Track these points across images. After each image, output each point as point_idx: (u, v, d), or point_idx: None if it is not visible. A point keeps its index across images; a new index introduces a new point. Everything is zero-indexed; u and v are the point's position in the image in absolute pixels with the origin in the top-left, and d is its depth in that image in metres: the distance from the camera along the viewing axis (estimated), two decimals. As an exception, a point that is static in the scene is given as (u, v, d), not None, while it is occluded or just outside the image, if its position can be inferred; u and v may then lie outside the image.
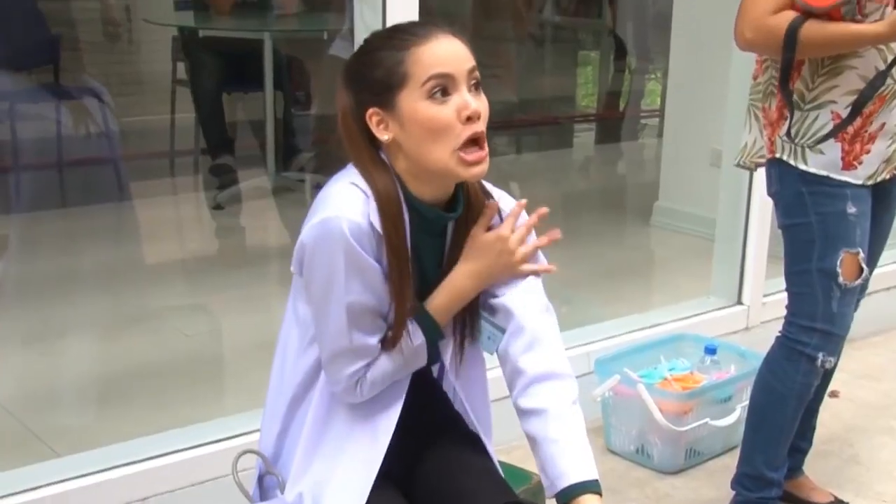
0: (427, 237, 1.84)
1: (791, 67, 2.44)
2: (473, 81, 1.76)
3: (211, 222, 5.24)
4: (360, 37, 2.81)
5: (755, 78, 2.63)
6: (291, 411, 1.88)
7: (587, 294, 4.36)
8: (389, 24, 2.69)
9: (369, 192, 1.75)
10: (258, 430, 1.94)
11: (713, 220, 4.05)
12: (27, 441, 2.96)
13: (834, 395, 3.64)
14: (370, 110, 1.76)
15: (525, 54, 8.60)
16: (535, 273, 1.92)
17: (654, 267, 5.01)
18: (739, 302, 3.91)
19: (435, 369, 2.02)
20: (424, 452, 1.93)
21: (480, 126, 1.75)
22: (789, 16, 2.38)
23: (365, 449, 1.83)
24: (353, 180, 1.76)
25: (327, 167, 5.36)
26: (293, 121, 5.57)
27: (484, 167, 1.76)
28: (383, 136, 1.76)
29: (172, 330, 3.82)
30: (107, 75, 6.14)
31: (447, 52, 1.74)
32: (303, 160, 5.48)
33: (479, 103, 1.76)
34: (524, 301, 1.88)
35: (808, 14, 2.36)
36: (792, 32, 2.36)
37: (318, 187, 6.12)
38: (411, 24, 1.80)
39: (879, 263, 4.08)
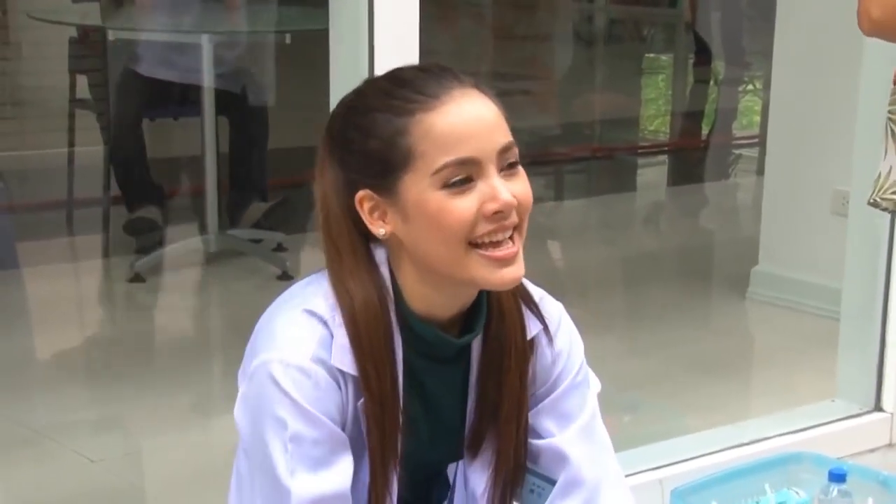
0: (433, 365, 1.87)
1: None
2: (508, 159, 1.79)
3: (126, 300, 5.27)
4: (339, 47, 2.86)
5: (895, 82, 2.64)
6: None
7: (660, 398, 4.36)
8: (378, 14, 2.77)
9: (336, 318, 1.77)
10: None
11: (837, 292, 4.06)
12: None
13: None
14: (361, 193, 1.80)
15: (569, 60, 8.67)
16: None
17: (754, 358, 5.01)
18: (878, 408, 3.91)
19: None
20: None
21: (513, 220, 1.78)
22: None
23: None
24: (308, 305, 1.79)
25: (291, 221, 5.39)
26: (245, 157, 5.59)
27: (517, 270, 1.79)
28: (379, 229, 1.80)
29: (72, 454, 3.82)
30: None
31: (469, 124, 1.76)
32: (257, 212, 5.50)
33: (516, 186, 1.78)
34: (581, 443, 1.93)
35: None
36: None
37: (278, 249, 6.11)
38: (419, 74, 1.82)
39: None
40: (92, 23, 5.65)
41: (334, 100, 2.78)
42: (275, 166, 5.73)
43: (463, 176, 1.74)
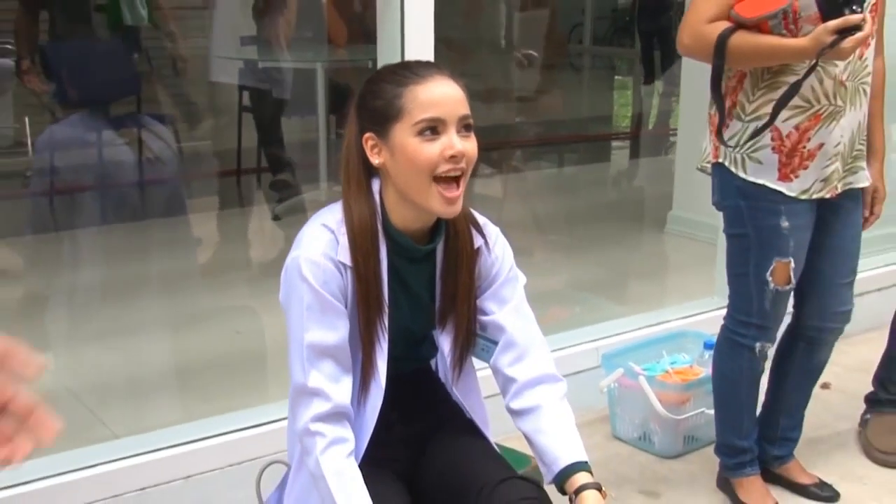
0: (409, 264, 1.83)
1: (721, 74, 2.41)
2: (464, 124, 1.75)
3: (270, 232, 5.28)
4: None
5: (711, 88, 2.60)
6: None
7: (601, 295, 4.32)
8: (407, 49, 2.75)
9: (341, 228, 1.75)
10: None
11: (717, 228, 3.99)
12: (92, 425, 3.02)
13: (826, 386, 3.57)
14: (367, 135, 1.77)
15: (566, 81, 8.69)
16: None
17: (666, 270, 4.95)
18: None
19: (433, 362, 2.04)
20: (429, 443, 1.94)
21: (462, 165, 1.74)
22: (723, 25, 2.34)
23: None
24: (324, 221, 1.77)
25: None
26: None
27: (457, 207, 1.75)
28: (375, 160, 1.77)
29: (226, 328, 3.86)
30: (180, 105, 6.26)
31: (442, 97, 1.73)
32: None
33: (467, 145, 1.74)
34: (513, 317, 1.90)
35: (740, 25, 2.33)
36: (722, 41, 2.33)
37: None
38: (416, 64, 1.79)
39: (871, 266, 4.00)
40: (250, 57, 5.67)
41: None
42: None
43: (433, 129, 1.72)
